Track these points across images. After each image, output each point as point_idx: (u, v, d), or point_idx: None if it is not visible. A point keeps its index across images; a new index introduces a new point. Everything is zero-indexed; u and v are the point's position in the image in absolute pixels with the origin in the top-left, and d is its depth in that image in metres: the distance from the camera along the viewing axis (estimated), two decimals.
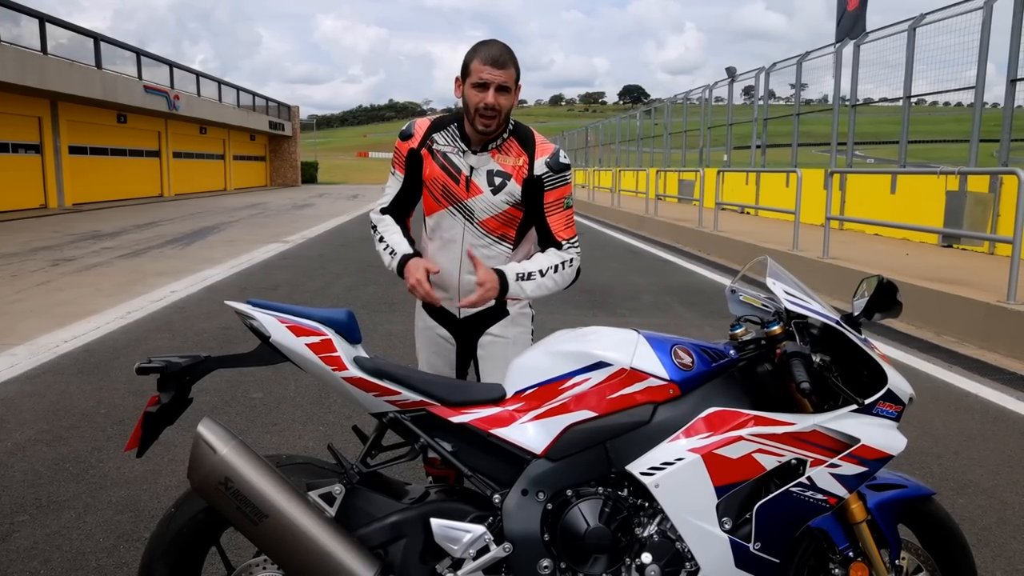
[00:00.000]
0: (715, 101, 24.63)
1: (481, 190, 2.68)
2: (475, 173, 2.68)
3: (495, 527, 2.17)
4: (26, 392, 5.34)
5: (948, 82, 12.75)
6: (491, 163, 2.68)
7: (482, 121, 2.59)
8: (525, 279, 2.63)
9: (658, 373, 2.19)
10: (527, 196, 2.70)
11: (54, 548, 3.23)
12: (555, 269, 2.68)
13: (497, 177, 2.67)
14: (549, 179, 2.69)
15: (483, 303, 2.61)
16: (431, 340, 2.92)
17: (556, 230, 2.72)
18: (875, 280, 2.30)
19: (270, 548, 2.07)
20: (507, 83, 2.57)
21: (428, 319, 2.91)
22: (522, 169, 2.68)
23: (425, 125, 2.78)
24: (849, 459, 2.15)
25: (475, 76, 2.56)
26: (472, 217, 2.70)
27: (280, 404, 5.09)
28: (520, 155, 2.69)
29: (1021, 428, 4.85)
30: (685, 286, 10.49)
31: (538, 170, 2.68)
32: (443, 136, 2.73)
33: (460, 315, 2.83)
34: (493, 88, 2.55)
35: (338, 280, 10.51)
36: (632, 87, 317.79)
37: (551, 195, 2.71)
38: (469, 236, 2.71)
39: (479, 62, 2.56)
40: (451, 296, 2.79)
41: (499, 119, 2.60)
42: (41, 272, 11.06)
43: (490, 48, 2.58)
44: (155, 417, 2.15)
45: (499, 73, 2.55)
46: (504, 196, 2.68)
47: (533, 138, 2.74)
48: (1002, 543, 3.37)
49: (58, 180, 25.75)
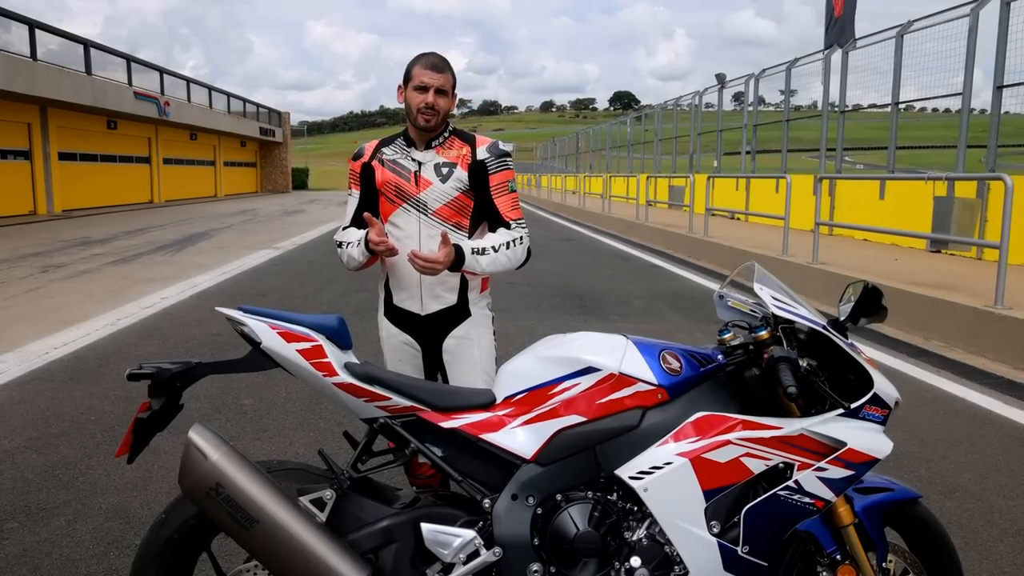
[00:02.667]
0: (705, 107, 24.72)
1: (431, 182, 2.88)
2: (423, 168, 2.89)
3: (485, 532, 2.18)
4: (15, 399, 5.32)
5: (936, 88, 12.83)
6: (436, 158, 2.90)
7: (423, 117, 2.81)
8: (480, 253, 2.79)
9: (646, 378, 2.20)
10: (474, 182, 2.89)
11: (44, 555, 3.22)
12: (507, 246, 2.85)
13: (444, 168, 2.88)
14: (491, 163, 2.91)
15: (437, 265, 2.65)
16: (396, 348, 3.01)
17: (504, 211, 2.92)
18: (861, 285, 2.33)
19: (261, 553, 2.08)
20: (444, 87, 2.83)
21: (391, 327, 3.00)
22: (465, 157, 2.90)
23: (373, 144, 3.04)
24: (836, 463, 2.17)
25: (416, 80, 2.82)
26: (426, 209, 2.87)
27: (271, 410, 5.09)
28: (462, 147, 2.93)
29: (1008, 432, 4.88)
30: (675, 291, 10.52)
31: (480, 155, 2.90)
32: (390, 148, 2.98)
33: (423, 312, 2.92)
34: (432, 90, 2.80)
35: (329, 286, 10.50)
36: (623, 93, 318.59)
37: (495, 178, 2.91)
38: (425, 228, 2.86)
39: (420, 68, 2.83)
40: (413, 294, 2.92)
41: (438, 118, 2.83)
42: (30, 279, 11.02)
43: (430, 56, 2.87)
44: (146, 423, 2.16)
45: (438, 77, 2.82)
46: (453, 183, 2.87)
47: (473, 135, 2.99)
48: (989, 546, 3.40)
49: (47, 186, 25.64)
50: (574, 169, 43.66)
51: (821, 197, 10.81)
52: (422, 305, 2.92)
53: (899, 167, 14.37)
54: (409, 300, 2.93)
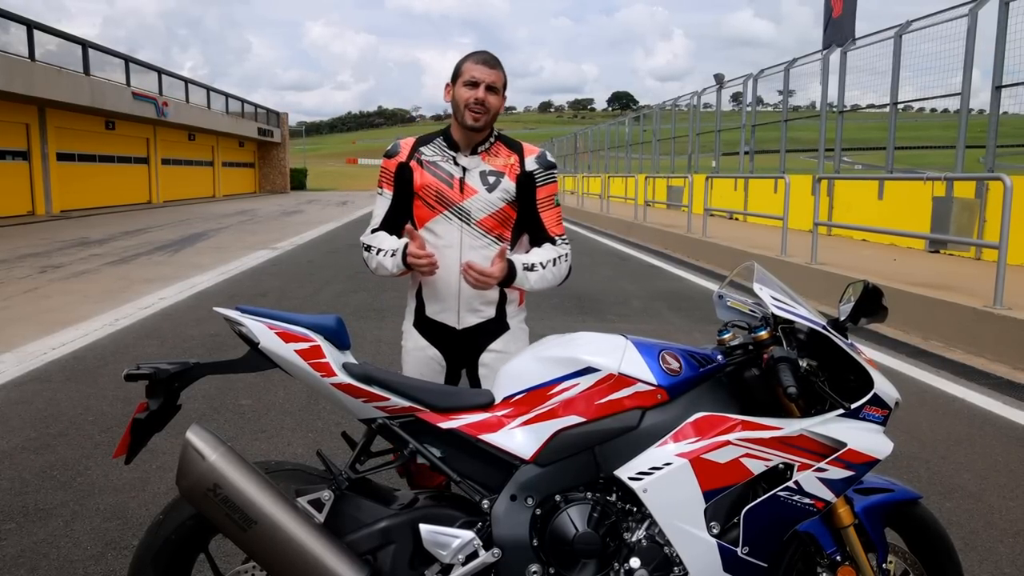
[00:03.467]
0: (703, 107, 24.73)
1: (476, 190, 2.72)
2: (468, 175, 2.73)
3: (484, 533, 2.18)
4: (13, 399, 5.31)
5: (934, 89, 12.85)
6: (482, 164, 2.75)
7: (471, 115, 2.66)
8: (530, 269, 2.70)
9: (646, 378, 2.20)
10: (520, 194, 2.76)
11: (41, 556, 3.21)
12: (553, 263, 2.76)
13: (491, 176, 2.73)
14: (540, 175, 2.79)
15: (491, 280, 2.59)
16: (421, 361, 2.83)
17: (549, 226, 2.81)
18: (861, 285, 2.32)
19: (259, 554, 2.07)
20: (496, 84, 2.69)
21: (419, 339, 2.83)
22: (514, 167, 2.76)
23: (411, 142, 2.83)
24: (836, 463, 2.16)
25: (467, 75, 2.68)
26: (469, 218, 2.71)
27: (269, 411, 5.08)
28: (510, 155, 2.78)
29: (1008, 432, 4.88)
30: (674, 292, 10.52)
31: (529, 167, 2.77)
32: (430, 148, 2.78)
33: (460, 326, 2.77)
34: (483, 86, 2.66)
35: (327, 287, 10.49)
36: (621, 93, 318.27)
37: (543, 191, 2.80)
38: (467, 238, 2.70)
39: (471, 63, 2.69)
40: (450, 307, 2.76)
41: (487, 116, 2.68)
42: (29, 279, 11.00)
43: (482, 53, 2.74)
44: (144, 424, 2.15)
45: (490, 73, 2.67)
46: (500, 193, 2.73)
47: (519, 143, 2.84)
48: (989, 547, 3.39)
49: (46, 187, 25.62)
50: (572, 169, 43.66)
51: (820, 197, 10.81)
52: (459, 319, 2.77)
53: (897, 167, 14.38)
54: (444, 313, 2.77)
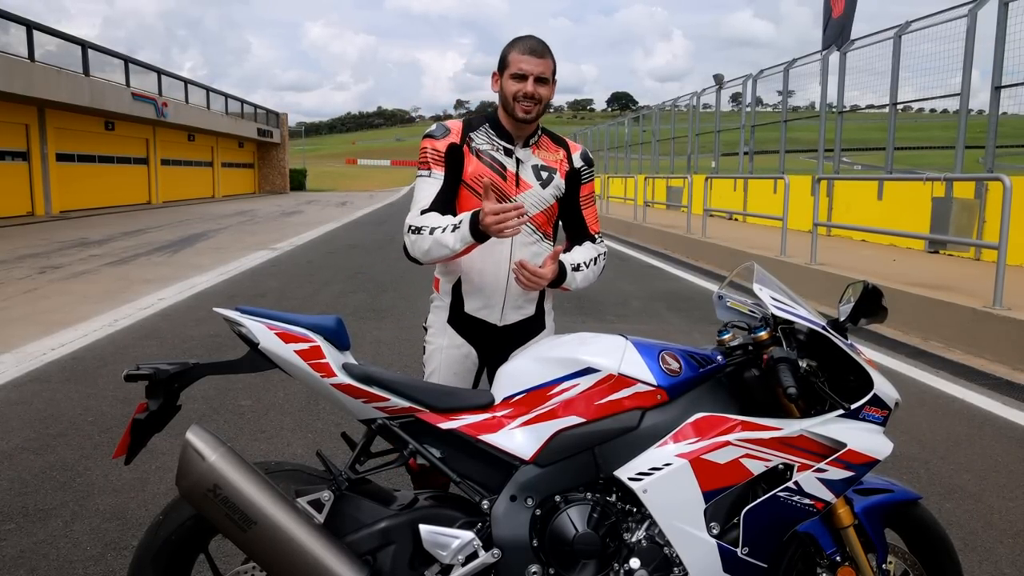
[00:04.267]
0: (703, 108, 24.74)
1: (530, 185, 2.66)
2: (522, 168, 2.66)
3: (484, 533, 2.17)
4: (12, 400, 5.31)
5: (934, 89, 12.85)
6: (534, 158, 2.69)
7: (522, 108, 2.57)
8: (576, 270, 2.69)
9: (646, 379, 2.19)
10: (566, 190, 2.74)
11: (41, 557, 3.21)
12: (594, 262, 2.77)
13: (543, 171, 2.68)
14: (585, 172, 2.77)
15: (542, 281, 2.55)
16: (454, 360, 2.74)
17: (590, 223, 2.82)
18: (860, 286, 2.31)
19: (259, 555, 2.06)
20: (545, 73, 2.58)
21: (456, 336, 2.74)
22: (563, 163, 2.73)
23: (459, 124, 2.69)
24: (836, 464, 2.16)
25: (514, 67, 2.57)
26: None
27: (268, 411, 5.07)
28: (557, 150, 2.74)
29: (1007, 433, 4.88)
30: (673, 292, 10.52)
31: (576, 163, 2.75)
32: (479, 135, 2.67)
33: (501, 323, 2.72)
34: (532, 78, 2.56)
35: (326, 287, 10.48)
36: (620, 94, 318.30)
37: (586, 188, 2.79)
38: (518, 235, 2.57)
39: (517, 53, 2.57)
40: (494, 304, 2.70)
41: (539, 108, 2.59)
42: (28, 280, 11.00)
43: (528, 40, 2.60)
44: (143, 424, 2.15)
45: (538, 63, 2.56)
46: (552, 190, 2.69)
47: (563, 138, 2.80)
48: (988, 547, 3.39)
49: (45, 187, 25.60)
50: None
51: (819, 198, 10.81)
52: (501, 316, 2.71)
53: (897, 168, 14.39)
54: (486, 309, 2.69)
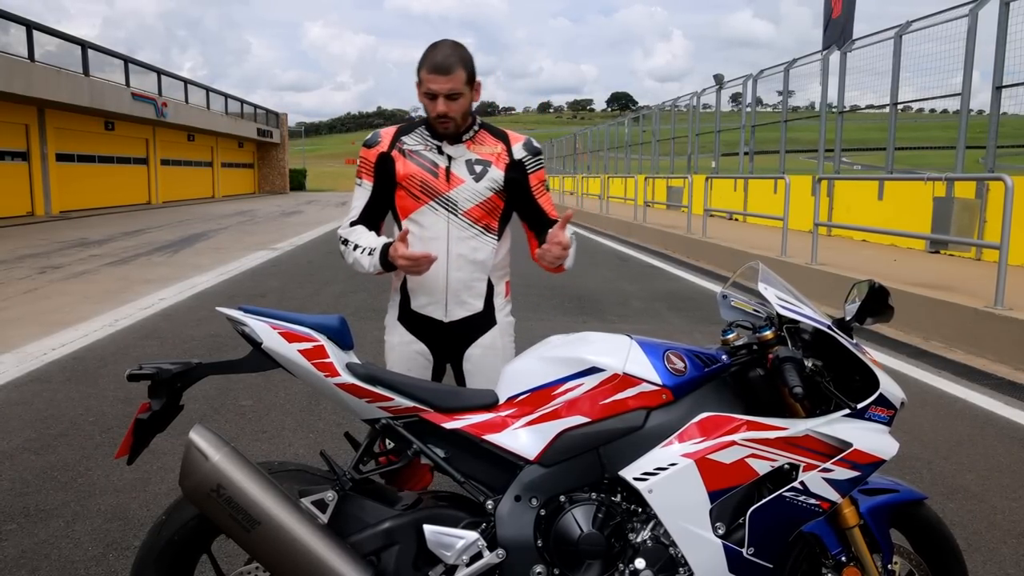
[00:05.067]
0: (703, 108, 24.73)
1: (463, 179, 2.66)
2: (454, 164, 2.66)
3: (488, 533, 2.17)
4: (13, 400, 5.30)
5: (934, 89, 12.84)
6: (468, 153, 2.68)
7: (440, 125, 2.60)
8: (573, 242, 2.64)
9: (651, 378, 2.19)
10: (509, 183, 2.70)
11: (42, 557, 3.20)
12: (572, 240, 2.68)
13: (477, 165, 2.67)
14: (529, 162, 2.73)
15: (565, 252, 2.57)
16: (407, 356, 2.77)
17: (548, 210, 2.78)
18: (866, 285, 2.30)
19: (262, 555, 2.06)
20: (455, 89, 2.54)
21: (405, 333, 2.77)
22: (501, 155, 2.70)
23: (392, 131, 2.75)
24: (842, 464, 2.15)
25: (424, 86, 2.56)
26: (456, 208, 2.65)
27: (270, 411, 5.07)
28: (496, 143, 2.73)
29: (1010, 433, 4.88)
30: (674, 292, 10.51)
31: (517, 155, 2.72)
32: (412, 138, 2.71)
33: (447, 319, 2.72)
34: (441, 97, 2.54)
35: (327, 287, 10.48)
36: (620, 94, 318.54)
37: (534, 177, 2.75)
38: (454, 229, 2.65)
39: (425, 71, 2.55)
40: (438, 299, 2.70)
41: (455, 123, 2.60)
42: (28, 280, 10.99)
43: (435, 55, 2.55)
44: (146, 424, 2.14)
45: (445, 81, 2.53)
46: (487, 183, 2.67)
47: (504, 132, 2.78)
48: (992, 548, 3.39)
49: (45, 187, 25.61)
50: (572, 170, 43.66)
51: (820, 198, 10.80)
52: (446, 312, 2.71)
53: (898, 168, 14.37)
54: (432, 306, 2.70)
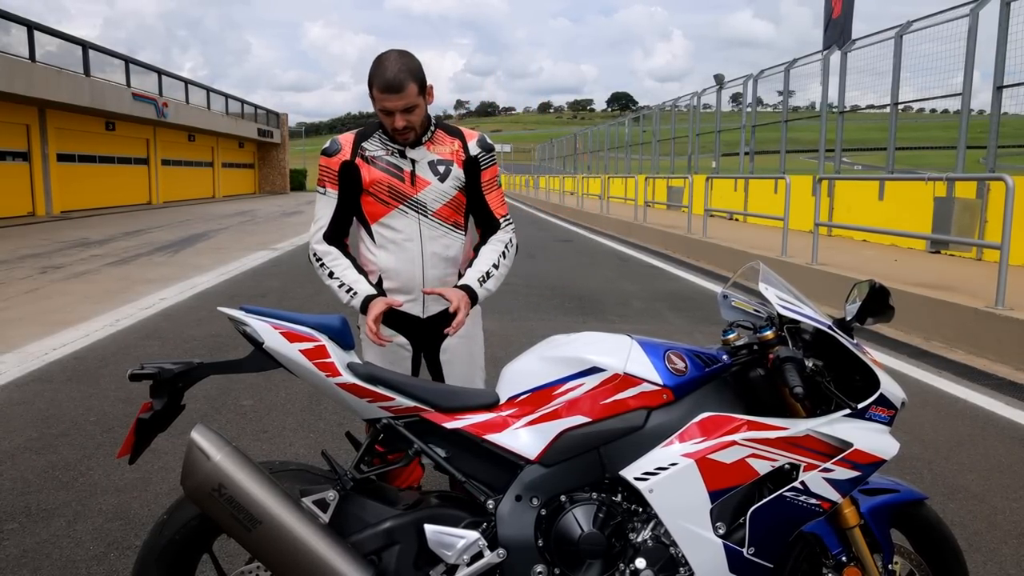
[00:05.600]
0: (703, 108, 24.73)
1: (428, 181, 2.75)
2: (418, 167, 2.75)
3: (489, 533, 2.17)
4: (15, 400, 5.30)
5: (935, 89, 12.83)
6: (429, 155, 2.77)
7: (400, 136, 2.69)
8: (486, 280, 2.77)
9: (651, 378, 2.19)
10: (467, 178, 2.82)
11: (44, 556, 3.20)
12: (503, 256, 2.85)
13: (440, 165, 2.77)
14: (483, 158, 2.84)
15: (463, 316, 2.64)
16: (387, 349, 2.87)
17: (494, 207, 2.88)
18: (867, 285, 2.30)
19: (263, 555, 2.06)
20: (409, 103, 2.59)
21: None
22: (459, 153, 2.80)
23: (350, 138, 2.81)
24: (842, 463, 2.15)
25: (379, 104, 2.61)
26: (425, 210, 2.76)
27: (271, 411, 5.07)
28: (452, 141, 2.82)
29: (1010, 433, 4.87)
30: (674, 292, 10.51)
31: (472, 151, 2.82)
32: (372, 143, 2.77)
33: (424, 315, 2.86)
34: (398, 113, 2.61)
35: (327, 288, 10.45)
36: (620, 94, 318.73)
37: (487, 173, 2.86)
38: (425, 230, 2.77)
39: (377, 90, 2.59)
40: (415, 297, 2.83)
41: (414, 132, 2.69)
42: (29, 280, 10.99)
43: (384, 71, 2.57)
44: (148, 424, 2.15)
45: (396, 99, 2.57)
46: (452, 181, 2.78)
47: (458, 128, 2.88)
48: (993, 548, 3.39)
49: (46, 188, 25.62)
50: (572, 170, 43.66)
51: (820, 198, 10.80)
52: (424, 308, 2.85)
53: (898, 168, 14.37)
54: (410, 304, 2.82)
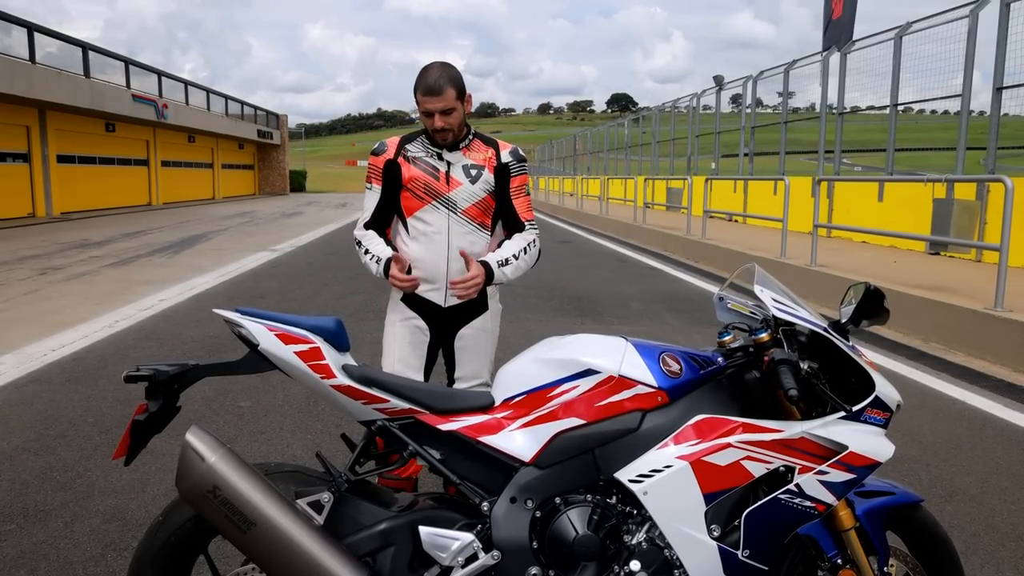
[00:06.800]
0: (703, 109, 24.73)
1: (460, 182, 3.03)
2: (452, 169, 3.03)
3: (484, 535, 2.17)
4: (13, 401, 5.30)
5: (935, 90, 12.82)
6: (464, 159, 3.05)
7: (439, 136, 2.98)
8: (504, 264, 3.01)
9: (646, 380, 2.19)
10: (497, 184, 3.07)
11: (41, 557, 3.21)
12: (524, 251, 3.08)
13: (473, 169, 3.04)
14: (514, 167, 3.10)
15: (474, 291, 2.90)
16: (408, 331, 3.13)
17: (520, 212, 3.13)
18: (862, 287, 2.30)
19: (258, 556, 2.06)
20: (448, 105, 2.90)
21: (407, 310, 3.13)
22: (491, 160, 3.07)
23: (396, 140, 3.12)
24: (837, 466, 2.15)
25: (421, 107, 2.93)
26: (455, 208, 3.03)
27: (268, 412, 5.07)
28: (487, 150, 3.09)
29: (1009, 435, 4.87)
30: (673, 294, 10.51)
31: (504, 159, 3.08)
32: (415, 146, 3.08)
33: (446, 304, 3.08)
34: (437, 114, 2.90)
35: (326, 288, 10.48)
36: (620, 95, 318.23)
37: (515, 181, 3.11)
38: (454, 225, 3.03)
39: (420, 94, 2.91)
40: (439, 287, 3.06)
41: (452, 133, 2.98)
42: (29, 281, 11.00)
43: (427, 77, 2.90)
44: (143, 425, 2.15)
45: (437, 100, 2.88)
46: (482, 184, 3.05)
47: (495, 140, 3.15)
48: (990, 550, 3.39)
49: (46, 189, 25.63)
50: (571, 171, 43.66)
51: (819, 199, 10.80)
52: (445, 298, 3.07)
53: (898, 169, 14.37)
54: (433, 292, 3.06)
